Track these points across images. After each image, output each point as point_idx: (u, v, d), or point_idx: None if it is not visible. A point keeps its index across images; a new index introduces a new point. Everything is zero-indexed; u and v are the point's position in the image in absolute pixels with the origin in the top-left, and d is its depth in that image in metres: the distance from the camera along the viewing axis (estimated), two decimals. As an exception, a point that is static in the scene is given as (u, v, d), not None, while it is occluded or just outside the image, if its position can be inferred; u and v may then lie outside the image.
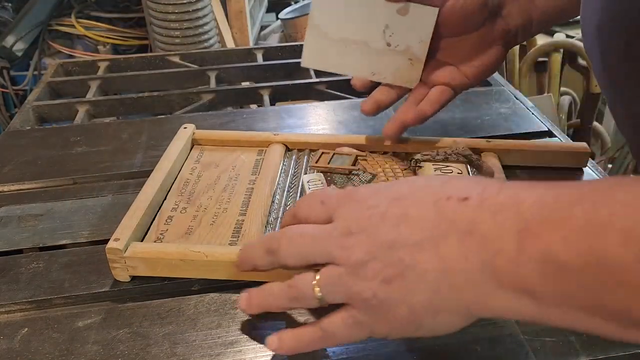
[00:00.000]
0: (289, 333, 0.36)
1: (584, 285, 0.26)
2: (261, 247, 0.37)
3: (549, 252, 0.26)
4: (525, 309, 0.28)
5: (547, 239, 0.26)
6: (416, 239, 0.30)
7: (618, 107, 0.46)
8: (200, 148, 0.57)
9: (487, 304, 0.29)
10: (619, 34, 0.40)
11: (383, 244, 0.31)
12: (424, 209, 0.31)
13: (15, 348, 0.38)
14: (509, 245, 0.27)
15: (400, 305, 0.31)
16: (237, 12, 1.56)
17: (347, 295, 0.33)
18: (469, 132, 0.63)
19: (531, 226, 0.27)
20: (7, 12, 1.66)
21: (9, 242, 0.48)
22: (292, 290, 0.35)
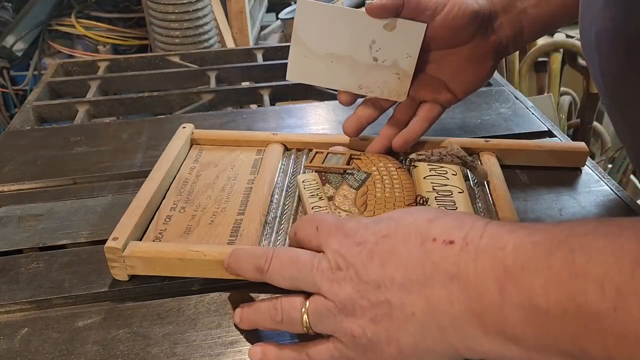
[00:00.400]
0: (273, 350, 0.36)
1: (566, 332, 0.26)
2: (251, 262, 0.37)
3: (530, 299, 0.27)
4: (510, 353, 0.29)
5: (527, 286, 0.27)
6: (402, 281, 0.31)
7: (616, 115, 0.46)
8: (199, 148, 0.57)
9: (473, 348, 0.30)
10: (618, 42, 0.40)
11: (370, 282, 0.32)
12: (410, 249, 0.32)
13: (15, 348, 0.38)
14: (491, 290, 0.28)
15: (389, 344, 0.32)
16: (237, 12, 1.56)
17: (336, 330, 0.33)
18: (468, 132, 0.63)
19: (512, 272, 0.28)
20: (7, 12, 1.66)
21: (9, 242, 0.48)
22: (277, 313, 0.35)
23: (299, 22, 0.48)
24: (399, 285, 0.31)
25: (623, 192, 0.52)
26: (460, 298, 0.29)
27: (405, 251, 0.32)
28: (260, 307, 0.37)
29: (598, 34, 0.41)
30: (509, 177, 0.53)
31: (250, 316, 0.37)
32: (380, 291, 0.31)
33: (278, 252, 0.36)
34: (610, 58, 0.41)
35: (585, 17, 0.44)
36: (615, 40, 0.40)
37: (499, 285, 0.28)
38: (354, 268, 0.33)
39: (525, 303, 0.27)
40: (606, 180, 0.54)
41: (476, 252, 0.29)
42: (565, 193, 0.53)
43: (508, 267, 0.28)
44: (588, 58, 0.45)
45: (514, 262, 0.28)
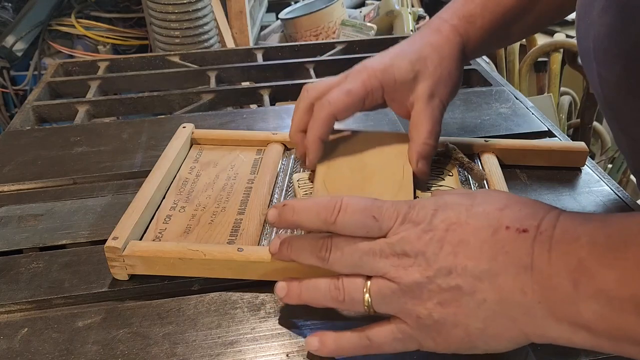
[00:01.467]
0: (332, 336, 0.36)
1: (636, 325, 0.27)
2: (311, 252, 0.37)
3: (604, 292, 0.27)
4: (581, 340, 0.30)
5: (601, 279, 0.27)
6: (474, 269, 0.31)
7: (614, 122, 0.46)
8: (199, 147, 0.57)
9: (543, 335, 0.31)
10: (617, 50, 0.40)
11: (441, 269, 0.32)
12: (482, 238, 0.32)
13: (15, 348, 0.38)
14: (565, 282, 0.29)
15: (457, 327, 0.32)
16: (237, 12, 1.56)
17: (399, 311, 0.34)
18: (468, 132, 0.63)
19: (586, 265, 0.28)
20: (7, 12, 1.66)
21: (9, 242, 0.48)
22: (339, 292, 0.35)
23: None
24: (471, 273, 0.31)
25: (623, 192, 0.52)
26: (534, 289, 0.30)
27: (477, 242, 0.32)
28: (320, 286, 0.36)
29: (595, 41, 0.41)
30: (509, 177, 0.53)
31: (307, 293, 0.37)
32: (451, 277, 0.32)
33: (337, 241, 0.36)
34: (608, 66, 0.41)
35: (582, 24, 0.44)
36: (613, 48, 0.40)
37: (572, 278, 0.28)
38: (423, 256, 0.33)
39: (599, 296, 0.27)
40: (606, 180, 0.54)
41: (550, 243, 0.30)
42: (565, 193, 0.53)
43: (582, 260, 0.28)
44: (585, 65, 0.45)
45: (588, 255, 0.28)
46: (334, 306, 0.37)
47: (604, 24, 0.40)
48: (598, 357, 0.37)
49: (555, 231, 0.30)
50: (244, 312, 0.41)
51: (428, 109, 0.49)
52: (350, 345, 0.35)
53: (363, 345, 0.35)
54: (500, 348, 0.33)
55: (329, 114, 0.47)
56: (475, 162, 0.54)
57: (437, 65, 0.49)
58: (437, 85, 0.49)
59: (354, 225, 0.35)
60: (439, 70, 0.49)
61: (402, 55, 0.50)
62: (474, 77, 0.81)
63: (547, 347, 0.37)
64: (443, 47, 0.50)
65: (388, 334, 0.34)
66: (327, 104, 0.47)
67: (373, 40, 0.98)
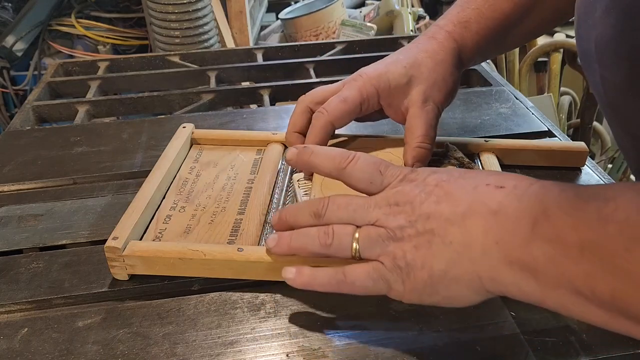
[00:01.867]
0: (308, 269, 0.38)
1: (581, 270, 0.29)
2: (307, 210, 0.39)
3: (558, 235, 0.29)
4: (529, 288, 0.31)
5: (559, 224, 0.29)
6: (449, 214, 0.34)
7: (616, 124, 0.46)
8: (199, 147, 0.57)
9: (496, 279, 0.32)
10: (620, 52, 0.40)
11: (422, 215, 0.35)
12: (465, 191, 0.35)
13: (15, 348, 0.38)
14: (524, 225, 0.31)
15: (422, 269, 0.34)
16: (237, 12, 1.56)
17: (381, 253, 0.36)
18: (468, 132, 0.63)
19: (549, 212, 0.30)
20: (7, 12, 1.66)
21: (9, 242, 0.48)
22: (328, 237, 0.37)
23: None
24: (446, 217, 0.34)
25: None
26: (495, 231, 0.32)
27: (459, 193, 0.34)
28: (310, 231, 0.38)
29: (597, 42, 0.41)
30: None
31: (297, 241, 0.39)
32: (428, 221, 0.34)
33: (334, 198, 0.38)
34: (611, 68, 0.41)
35: (583, 25, 0.44)
36: (617, 50, 0.40)
37: (533, 222, 0.30)
38: (411, 204, 0.35)
39: (552, 238, 0.29)
40: (606, 180, 0.54)
41: (522, 195, 0.32)
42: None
43: (547, 207, 0.30)
44: (586, 67, 0.45)
45: (554, 204, 0.30)
46: (322, 252, 0.38)
47: (606, 26, 0.40)
48: (598, 357, 0.37)
49: (531, 188, 0.32)
50: (244, 312, 0.41)
51: (422, 113, 0.49)
52: (324, 277, 0.37)
53: (337, 280, 0.37)
54: (459, 296, 0.34)
55: (326, 122, 0.49)
56: (475, 162, 0.54)
57: (431, 70, 0.50)
58: (432, 90, 0.50)
59: (361, 173, 0.38)
60: (433, 75, 0.50)
61: (397, 62, 0.51)
62: (474, 77, 0.81)
63: (547, 346, 0.37)
64: (438, 52, 0.51)
65: (363, 271, 0.36)
66: (325, 112, 0.49)
67: (373, 40, 0.98)
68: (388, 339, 0.38)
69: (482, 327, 0.39)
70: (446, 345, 0.38)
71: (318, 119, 0.49)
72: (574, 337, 0.38)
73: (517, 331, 0.38)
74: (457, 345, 0.38)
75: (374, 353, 0.37)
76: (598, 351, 0.37)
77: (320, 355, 0.37)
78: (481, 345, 0.38)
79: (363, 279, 0.36)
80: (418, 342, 0.38)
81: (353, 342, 0.38)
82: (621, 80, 0.41)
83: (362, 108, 0.50)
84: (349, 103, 0.49)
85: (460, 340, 0.38)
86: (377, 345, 0.38)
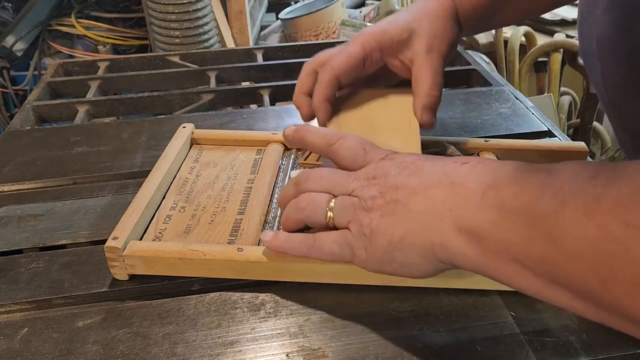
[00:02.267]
0: (284, 234, 0.41)
1: (517, 234, 0.30)
2: (292, 181, 0.42)
3: (502, 201, 0.31)
4: (473, 255, 0.33)
5: (505, 191, 0.31)
6: (415, 185, 0.36)
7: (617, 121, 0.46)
8: (199, 147, 0.57)
9: (446, 245, 0.34)
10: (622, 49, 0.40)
11: (391, 186, 0.37)
12: (434, 166, 0.36)
13: (15, 348, 0.38)
14: (477, 195, 0.33)
15: (383, 236, 0.36)
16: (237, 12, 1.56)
17: (351, 220, 0.38)
18: (468, 132, 0.63)
19: (498, 181, 0.32)
20: (7, 12, 1.66)
21: (9, 242, 0.48)
22: (302, 202, 0.40)
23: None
24: (411, 187, 0.36)
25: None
26: (452, 199, 0.34)
27: (430, 168, 0.36)
28: (288, 193, 0.42)
29: (599, 40, 0.41)
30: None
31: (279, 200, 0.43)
32: (396, 192, 0.36)
33: (317, 169, 0.42)
34: (612, 65, 0.41)
35: (585, 22, 0.44)
36: (618, 47, 0.40)
37: (483, 190, 0.32)
38: (385, 177, 0.37)
39: (497, 205, 0.31)
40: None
41: (483, 168, 0.34)
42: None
43: (498, 178, 0.32)
44: (588, 64, 0.45)
45: (506, 175, 0.32)
46: (296, 216, 0.40)
47: (607, 23, 0.40)
48: (598, 357, 0.37)
49: (492, 162, 0.34)
50: (244, 312, 0.41)
51: (428, 62, 0.50)
52: (296, 240, 0.40)
53: (307, 244, 0.39)
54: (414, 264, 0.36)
55: (332, 76, 0.50)
56: None
57: (431, 23, 0.51)
58: (434, 40, 0.51)
59: (346, 151, 0.41)
60: (434, 27, 0.51)
61: (397, 19, 0.52)
62: (474, 77, 0.81)
63: (547, 346, 0.37)
64: (437, 10, 0.52)
65: (331, 237, 0.38)
66: (330, 68, 0.50)
67: (373, 40, 0.98)
68: (388, 339, 0.38)
69: (482, 327, 0.39)
70: (446, 345, 0.38)
71: (323, 74, 0.50)
72: (574, 337, 0.38)
73: (517, 331, 0.38)
74: (457, 345, 0.38)
75: (374, 353, 0.37)
76: (598, 351, 0.37)
77: (320, 355, 0.37)
78: (481, 345, 0.38)
79: (330, 244, 0.38)
80: (418, 342, 0.38)
81: (353, 342, 0.38)
82: (622, 78, 0.41)
83: (366, 63, 0.51)
84: (353, 57, 0.50)
85: (460, 340, 0.38)
86: (377, 345, 0.38)
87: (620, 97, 0.42)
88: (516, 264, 0.31)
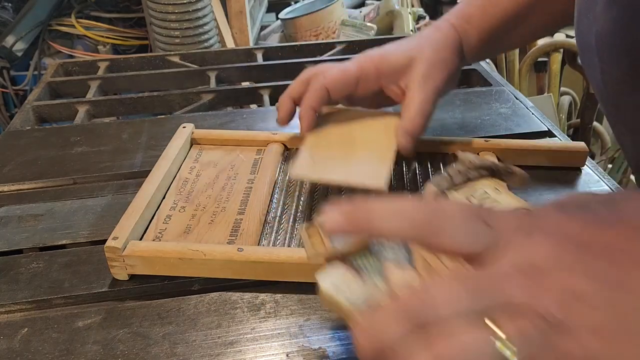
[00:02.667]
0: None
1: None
2: (400, 315, 0.23)
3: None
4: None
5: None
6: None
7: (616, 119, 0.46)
8: (199, 147, 0.57)
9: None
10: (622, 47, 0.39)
11: (606, 283, 0.22)
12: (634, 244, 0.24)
13: (15, 348, 0.38)
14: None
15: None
16: (237, 12, 1.56)
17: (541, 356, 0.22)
18: (468, 132, 0.63)
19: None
20: (7, 12, 1.66)
21: (9, 242, 0.48)
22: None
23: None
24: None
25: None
26: None
27: (635, 249, 0.24)
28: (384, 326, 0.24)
29: (598, 36, 0.41)
30: (509, 177, 0.53)
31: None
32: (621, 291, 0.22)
33: (434, 285, 0.24)
34: (612, 62, 0.41)
35: (584, 20, 0.43)
36: (618, 44, 0.40)
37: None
38: (570, 269, 0.23)
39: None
40: (606, 180, 0.54)
41: None
42: (565, 193, 0.52)
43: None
44: (586, 62, 0.45)
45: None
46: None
47: (608, 20, 0.40)
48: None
49: None
50: (244, 312, 0.41)
51: (420, 89, 0.50)
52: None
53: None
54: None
55: (322, 85, 0.50)
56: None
57: (432, 53, 0.51)
58: (432, 69, 0.51)
59: (456, 228, 0.25)
60: (434, 57, 0.51)
61: (399, 46, 0.53)
62: (474, 77, 0.81)
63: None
64: (439, 39, 0.52)
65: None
66: (322, 78, 0.50)
67: (373, 40, 0.98)
68: (388, 339, 0.38)
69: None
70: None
71: (314, 83, 0.50)
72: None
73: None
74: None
75: (374, 353, 0.37)
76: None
77: (320, 355, 0.37)
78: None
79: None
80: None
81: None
82: (622, 75, 0.41)
83: (360, 83, 0.51)
84: (346, 73, 0.50)
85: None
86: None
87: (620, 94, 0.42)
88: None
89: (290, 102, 0.52)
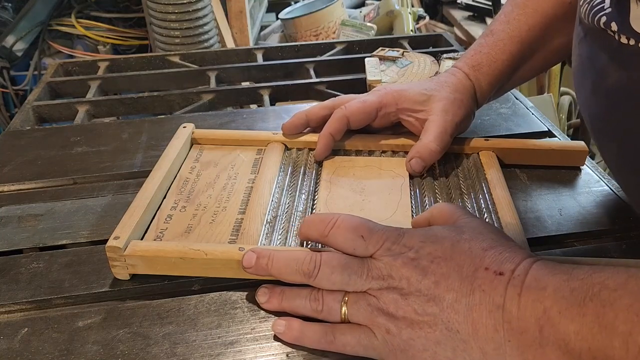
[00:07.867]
0: (298, 324, 0.38)
1: None
2: (295, 267, 0.38)
3: (565, 342, 0.30)
4: None
5: (563, 330, 0.30)
6: (452, 302, 0.34)
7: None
8: (199, 147, 0.57)
9: None
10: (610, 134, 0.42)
11: (421, 295, 0.35)
12: (463, 274, 0.34)
13: (15, 348, 0.38)
14: (532, 327, 0.31)
15: (426, 351, 0.34)
16: (237, 12, 1.56)
17: (372, 322, 0.36)
18: (469, 132, 0.62)
19: (550, 315, 0.31)
20: (7, 12, 1.66)
21: (9, 242, 0.48)
22: (319, 303, 0.38)
23: None
24: (449, 304, 0.34)
25: (622, 192, 0.52)
26: (505, 328, 0.32)
27: (458, 277, 0.34)
28: (301, 293, 0.39)
29: (591, 119, 0.44)
30: (509, 177, 0.53)
31: (287, 302, 0.39)
32: (428, 304, 0.34)
33: (327, 258, 0.38)
34: (604, 143, 0.44)
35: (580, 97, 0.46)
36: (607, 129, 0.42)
37: (538, 324, 0.31)
38: (407, 280, 0.35)
39: (561, 345, 0.30)
40: (606, 180, 0.54)
41: (521, 288, 0.32)
42: (565, 193, 0.53)
43: (547, 309, 0.31)
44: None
45: (552, 305, 0.31)
46: (312, 315, 0.38)
47: (594, 106, 0.43)
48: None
49: (527, 277, 0.33)
50: (244, 312, 0.41)
51: (440, 119, 0.53)
52: (314, 336, 0.37)
53: (327, 340, 0.37)
54: None
55: (343, 115, 0.54)
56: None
57: (450, 92, 0.54)
58: (452, 105, 0.54)
59: (343, 240, 0.37)
60: (452, 96, 0.54)
61: (417, 84, 0.56)
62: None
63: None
64: (455, 83, 0.55)
65: (354, 337, 0.36)
66: (344, 107, 0.54)
67: (373, 40, 0.98)
68: (388, 338, 0.38)
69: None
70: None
71: (336, 112, 0.54)
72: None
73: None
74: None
75: (374, 353, 0.37)
76: None
77: (320, 355, 0.37)
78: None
79: (354, 345, 0.36)
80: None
81: (353, 342, 0.38)
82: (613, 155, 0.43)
83: (379, 114, 0.54)
84: (367, 104, 0.54)
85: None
86: (377, 345, 0.38)
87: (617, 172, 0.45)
88: None
89: (304, 119, 0.56)
